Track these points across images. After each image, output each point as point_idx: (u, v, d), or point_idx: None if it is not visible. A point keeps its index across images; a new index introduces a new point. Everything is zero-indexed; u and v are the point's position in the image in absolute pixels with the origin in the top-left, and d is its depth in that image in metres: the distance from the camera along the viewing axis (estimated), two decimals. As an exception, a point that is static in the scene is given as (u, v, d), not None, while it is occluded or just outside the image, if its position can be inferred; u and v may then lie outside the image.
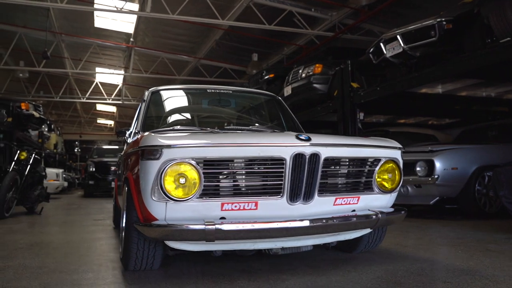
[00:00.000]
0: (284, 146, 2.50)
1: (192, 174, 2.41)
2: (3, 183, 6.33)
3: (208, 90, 4.25)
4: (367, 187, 2.81)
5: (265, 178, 2.51)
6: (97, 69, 19.40)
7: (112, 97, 22.03)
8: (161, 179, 2.38)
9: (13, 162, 6.80)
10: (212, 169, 2.45)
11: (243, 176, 2.51)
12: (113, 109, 28.21)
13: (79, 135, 31.38)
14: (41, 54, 13.89)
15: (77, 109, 28.19)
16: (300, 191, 2.53)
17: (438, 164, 5.59)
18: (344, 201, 2.71)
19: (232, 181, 2.50)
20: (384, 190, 2.86)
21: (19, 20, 14.24)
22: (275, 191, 2.51)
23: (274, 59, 16.15)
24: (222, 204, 2.46)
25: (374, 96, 7.17)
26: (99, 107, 27.64)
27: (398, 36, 6.19)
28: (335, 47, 11.15)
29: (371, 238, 3.23)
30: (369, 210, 2.76)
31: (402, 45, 6.16)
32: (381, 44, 6.56)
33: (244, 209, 2.49)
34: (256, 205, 2.50)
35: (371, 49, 6.94)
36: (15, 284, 2.53)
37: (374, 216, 2.67)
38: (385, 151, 2.85)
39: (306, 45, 14.21)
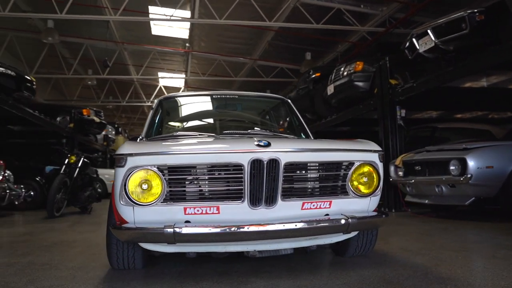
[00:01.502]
0: (241, 152, 2.53)
1: (155, 180, 2.53)
2: (52, 185, 6.88)
3: (214, 96, 4.35)
4: (341, 191, 2.75)
5: (225, 183, 2.57)
6: (159, 74, 20.22)
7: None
8: (125, 185, 2.52)
9: (64, 166, 7.35)
10: (173, 175, 2.54)
11: (204, 182, 2.58)
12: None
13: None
14: (102, 62, 14.76)
15: (145, 112, 29.57)
16: (261, 196, 2.55)
17: (471, 163, 5.27)
18: (314, 205, 2.68)
19: (193, 186, 2.58)
20: (360, 194, 2.79)
21: (84, 32, 15.26)
22: (236, 196, 2.55)
23: (329, 57, 15.95)
24: (185, 209, 2.55)
25: (412, 92, 6.92)
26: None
27: (428, 31, 5.93)
28: (384, 43, 10.81)
29: (360, 242, 3.17)
30: (341, 214, 2.71)
31: (434, 39, 5.89)
32: (414, 40, 6.31)
33: (206, 213, 2.56)
34: (218, 209, 2.56)
35: (406, 45, 6.69)
36: (8, 279, 2.79)
37: (343, 221, 2.61)
38: (359, 154, 2.78)
39: (359, 41, 13.89)
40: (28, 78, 8.51)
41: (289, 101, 4.48)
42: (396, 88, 7.34)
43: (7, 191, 7.64)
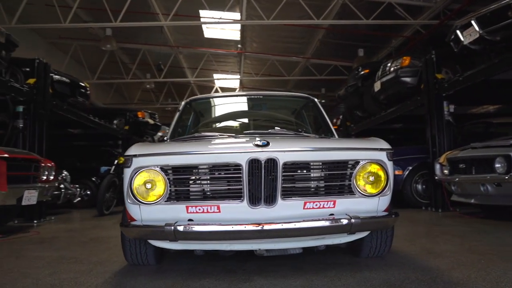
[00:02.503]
0: (239, 152, 2.56)
1: (158, 180, 2.62)
2: (101, 185, 7.26)
3: (240, 97, 4.40)
4: (346, 191, 2.69)
5: (225, 183, 2.61)
6: (215, 76, 20.61)
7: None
8: (131, 184, 2.63)
9: (113, 166, 7.72)
10: (175, 175, 2.62)
11: (205, 182, 2.63)
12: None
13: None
14: (156, 66, 15.29)
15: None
16: (260, 195, 2.56)
17: (517, 160, 4.93)
18: (316, 205, 2.64)
19: (194, 186, 2.63)
20: (367, 194, 2.70)
21: (141, 38, 15.90)
22: (236, 195, 2.58)
23: (383, 52, 15.51)
24: (187, 207, 2.61)
25: (458, 86, 6.59)
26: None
27: (472, 21, 5.62)
28: (437, 36, 10.36)
29: (374, 243, 3.08)
30: (346, 214, 2.64)
31: (478, 30, 5.57)
32: (457, 31, 5.99)
33: (207, 212, 2.61)
34: (218, 208, 2.60)
35: (451, 37, 6.36)
36: (32, 271, 2.99)
37: (345, 221, 2.55)
38: (364, 153, 2.71)
39: (412, 35, 13.39)
40: (82, 84, 9.01)
41: (316, 100, 4.43)
42: (442, 82, 7.00)
43: (63, 190, 8.17)
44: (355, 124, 11.45)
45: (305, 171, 2.66)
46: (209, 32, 15.33)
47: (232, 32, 15.28)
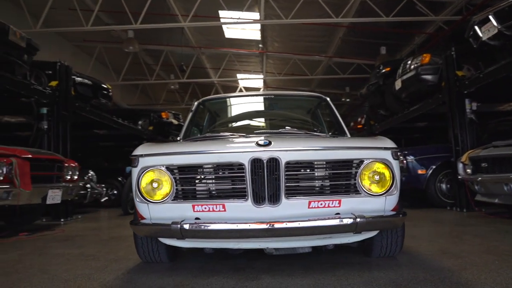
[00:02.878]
0: (242, 152, 2.60)
1: (164, 179, 2.68)
2: (125, 184, 7.41)
3: (252, 97, 4.43)
4: (351, 190, 2.69)
5: (229, 182, 2.65)
6: (238, 76, 20.70)
7: (255, 100, 23.34)
8: (139, 184, 2.70)
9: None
10: (180, 174, 2.68)
11: (210, 181, 2.68)
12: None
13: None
14: (178, 67, 15.48)
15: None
16: (263, 194, 2.59)
17: (539, 159, 4.81)
18: (321, 204, 2.65)
19: (200, 185, 2.68)
20: (373, 193, 2.69)
21: (163, 39, 16.12)
22: (240, 194, 2.61)
23: (406, 50, 15.30)
24: (193, 206, 2.66)
25: (479, 83, 6.46)
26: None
27: (490, 16, 5.49)
28: (459, 32, 10.13)
29: (384, 243, 3.06)
30: (351, 213, 2.64)
31: (496, 25, 5.44)
32: (475, 27, 5.87)
33: (213, 210, 2.65)
34: (223, 207, 2.64)
35: (469, 33, 6.24)
36: (49, 267, 3.10)
37: (350, 220, 2.55)
38: (369, 152, 2.70)
39: (435, 32, 13.15)
40: (104, 86, 9.21)
41: (328, 99, 4.42)
42: (463, 79, 6.87)
43: (89, 190, 8.39)
44: (379, 123, 11.34)
45: (308, 170, 2.67)
46: (230, 32, 15.42)
47: (253, 32, 15.33)
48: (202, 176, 2.68)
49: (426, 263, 2.98)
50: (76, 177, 6.36)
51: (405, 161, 7.61)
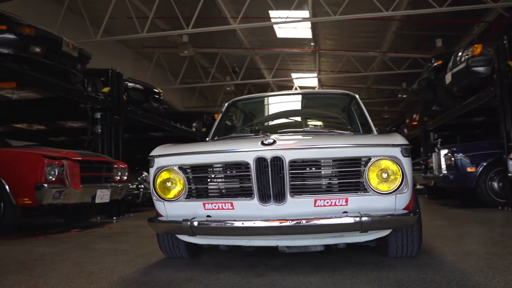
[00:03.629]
0: (247, 151, 2.68)
1: (177, 178, 2.83)
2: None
3: (279, 96, 4.50)
4: (359, 188, 2.68)
5: (236, 181, 2.76)
6: (293, 75, 20.71)
7: (310, 99, 23.28)
8: (154, 183, 2.87)
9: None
10: (192, 173, 2.82)
11: (218, 180, 2.81)
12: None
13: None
14: (231, 69, 15.77)
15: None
16: (269, 193, 2.66)
17: None
18: (328, 202, 2.67)
19: (210, 184, 2.81)
20: (381, 192, 2.67)
21: (217, 42, 16.50)
22: (247, 192, 2.71)
23: (465, 41, 14.58)
24: (204, 204, 2.80)
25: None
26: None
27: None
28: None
29: (399, 242, 3.02)
30: (358, 212, 2.64)
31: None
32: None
33: (222, 208, 2.77)
34: (232, 205, 2.75)
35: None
36: (82, 260, 3.36)
37: (354, 219, 2.56)
38: (376, 149, 2.67)
39: (496, 20, 12.44)
40: (156, 90, 9.62)
41: (356, 96, 4.39)
42: (515, 71, 6.50)
43: (141, 190, 8.87)
44: (431, 119, 10.93)
45: (314, 169, 2.70)
46: (281, 32, 15.50)
47: (304, 31, 15.30)
48: (212, 175, 2.81)
49: (442, 265, 2.91)
50: (125, 177, 6.74)
51: (452, 159, 7.31)
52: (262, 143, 2.68)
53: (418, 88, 10.63)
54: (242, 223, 2.63)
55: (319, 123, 4.33)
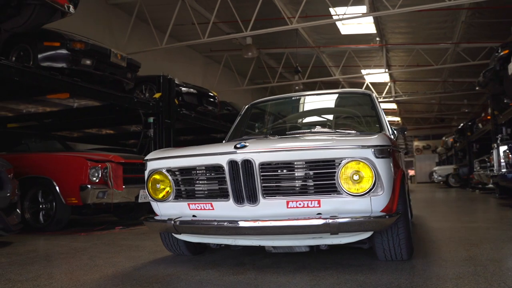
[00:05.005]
0: (221, 154, 2.82)
1: (166, 180, 3.05)
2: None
3: (293, 98, 4.54)
4: (331, 190, 2.69)
5: (214, 183, 2.90)
6: (363, 71, 20.24)
7: (383, 94, 22.59)
8: (147, 185, 3.11)
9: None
10: (177, 176, 3.02)
11: (200, 182, 2.97)
12: (394, 106, 28.49)
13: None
14: (294, 69, 15.82)
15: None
16: (242, 194, 2.77)
17: None
18: (300, 204, 2.72)
19: (192, 186, 2.99)
20: (354, 194, 2.66)
21: (282, 42, 16.63)
22: (224, 194, 2.85)
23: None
24: (189, 205, 2.99)
25: None
26: (383, 105, 28.31)
27: None
28: None
29: (386, 245, 2.96)
30: (332, 214, 2.66)
31: None
32: None
33: (204, 209, 2.94)
34: (212, 206, 2.91)
35: None
36: (104, 255, 3.69)
37: (321, 221, 2.58)
38: (346, 151, 2.67)
39: None
40: (211, 94, 9.99)
41: (372, 94, 4.32)
42: None
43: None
44: (501, 112, 10.20)
45: (285, 171, 2.76)
46: (345, 28, 15.24)
47: (368, 26, 14.92)
48: (194, 177, 2.98)
49: (428, 269, 2.82)
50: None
51: (511, 156, 6.81)
52: (235, 147, 2.79)
53: (484, 80, 9.97)
54: (216, 223, 2.78)
55: (330, 123, 4.31)
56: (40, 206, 5.62)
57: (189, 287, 2.57)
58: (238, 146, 2.79)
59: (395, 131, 4.31)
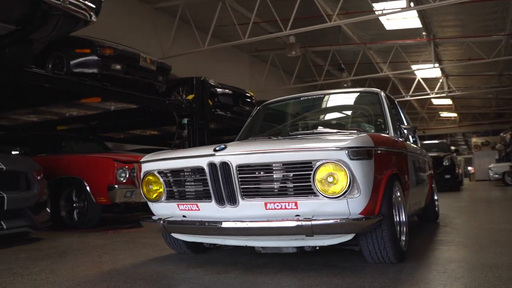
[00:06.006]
0: (201, 157, 2.92)
1: (158, 182, 3.21)
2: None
3: (302, 98, 4.56)
4: (308, 192, 2.71)
5: (200, 184, 3.01)
6: (413, 67, 19.58)
7: (436, 90, 21.77)
8: (141, 186, 3.28)
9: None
10: (167, 177, 3.16)
11: (187, 183, 3.09)
12: (449, 101, 27.32)
13: (422, 131, 31.73)
14: (337, 66, 15.63)
15: (414, 106, 28.78)
16: (222, 196, 2.86)
17: None
18: (278, 205, 2.77)
19: (179, 187, 3.12)
20: (330, 196, 2.67)
21: (326, 40, 16.48)
22: (207, 195, 2.95)
23: None
24: (178, 205, 3.13)
25: None
26: (435, 101, 27.33)
27: None
28: None
29: (371, 247, 2.92)
30: (300, 216, 2.69)
31: None
32: None
33: (191, 209, 3.07)
34: (197, 207, 3.03)
35: None
36: (115, 252, 3.91)
37: (294, 223, 2.62)
38: (320, 153, 2.68)
39: None
40: (247, 94, 10.10)
41: (380, 93, 4.23)
42: None
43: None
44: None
45: (263, 173, 2.81)
46: (390, 24, 14.83)
47: (414, 20, 14.43)
48: (182, 179, 3.11)
49: (412, 274, 2.77)
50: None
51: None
52: (214, 150, 2.89)
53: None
54: (199, 224, 2.90)
55: (331, 124, 4.29)
56: (74, 205, 5.99)
57: (169, 284, 2.69)
58: (217, 148, 2.88)
59: (404, 131, 4.20)
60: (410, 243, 3.86)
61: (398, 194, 3.31)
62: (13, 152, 6.25)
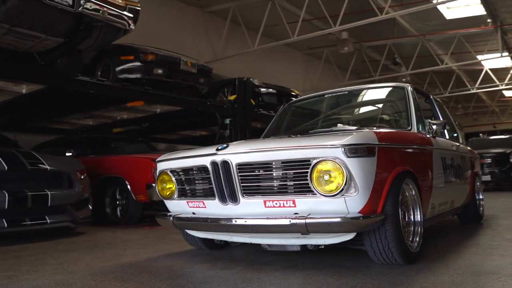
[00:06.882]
0: (205, 156, 3.00)
1: (170, 180, 3.34)
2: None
3: (326, 96, 4.50)
4: (306, 190, 2.70)
5: (206, 183, 3.10)
6: (479, 57, 18.50)
7: (506, 81, 20.43)
8: (156, 184, 3.43)
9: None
10: (178, 176, 3.28)
11: (196, 182, 3.19)
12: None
13: (492, 126, 29.85)
14: (392, 60, 15.12)
15: (482, 99, 27.14)
16: (224, 194, 2.93)
17: None
18: (276, 203, 2.78)
19: (188, 185, 3.22)
20: (328, 194, 2.63)
21: (381, 34, 16.00)
22: (211, 193, 3.03)
23: None
24: (188, 203, 3.24)
25: None
26: (506, 93, 25.60)
27: None
28: None
29: (375, 247, 2.85)
30: (297, 214, 2.69)
31: None
32: None
33: (199, 207, 3.17)
34: (204, 204, 3.12)
35: None
36: (140, 246, 4.11)
37: (289, 221, 2.63)
38: (316, 151, 2.66)
39: None
40: (293, 93, 10.05)
41: (407, 87, 4.07)
42: None
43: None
44: None
45: (262, 171, 2.84)
46: (450, 13, 14.12)
47: (477, 7, 13.63)
48: (191, 178, 3.21)
49: (415, 276, 2.68)
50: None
51: None
52: (217, 149, 2.95)
53: None
54: (202, 220, 2.99)
55: (356, 119, 4.22)
56: (117, 202, 6.31)
57: (169, 277, 2.79)
58: (219, 148, 2.95)
59: (433, 127, 4.01)
60: (432, 244, 3.72)
61: (413, 192, 3.19)
62: (67, 154, 6.68)
